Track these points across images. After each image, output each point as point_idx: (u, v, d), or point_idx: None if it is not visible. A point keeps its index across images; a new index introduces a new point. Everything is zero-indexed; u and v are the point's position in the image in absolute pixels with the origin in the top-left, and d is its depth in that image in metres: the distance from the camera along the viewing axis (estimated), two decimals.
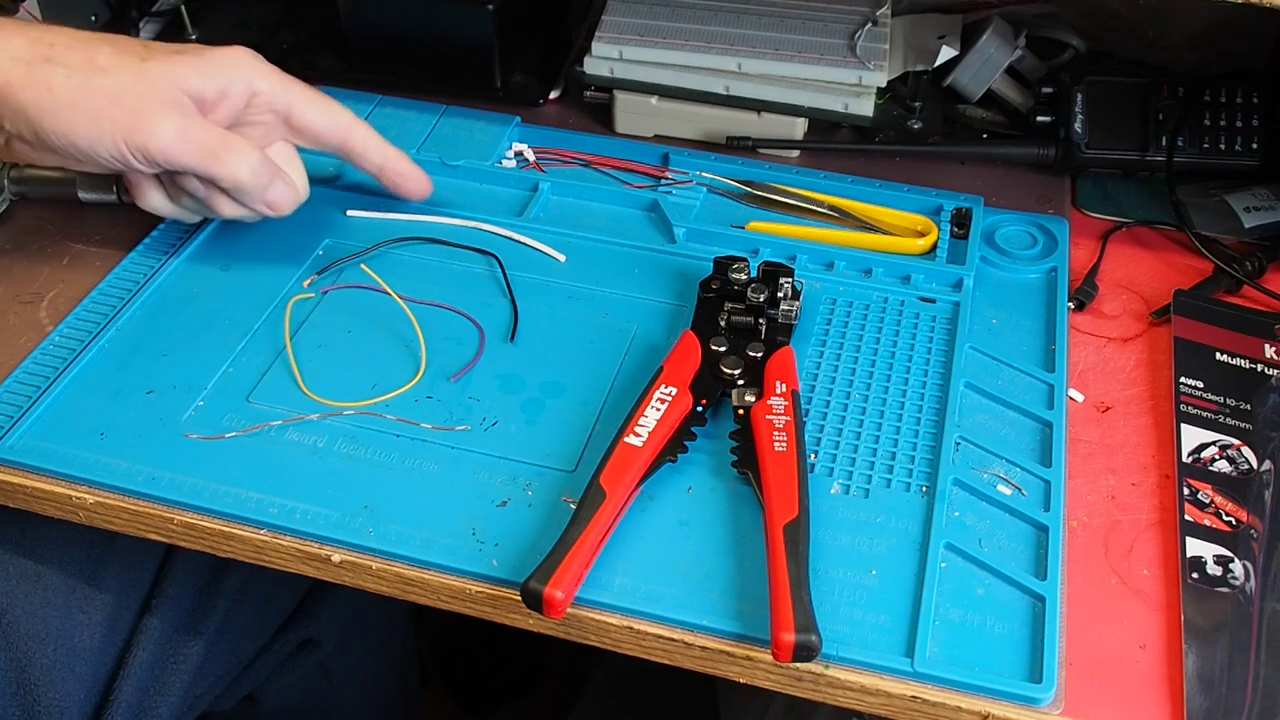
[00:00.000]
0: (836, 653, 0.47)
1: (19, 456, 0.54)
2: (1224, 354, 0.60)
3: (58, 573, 0.64)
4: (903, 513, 0.52)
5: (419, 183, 0.66)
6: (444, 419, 0.56)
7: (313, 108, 0.62)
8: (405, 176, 0.65)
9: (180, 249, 0.65)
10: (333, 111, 0.63)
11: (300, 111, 0.61)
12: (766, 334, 0.58)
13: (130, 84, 0.56)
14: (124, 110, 0.55)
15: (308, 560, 0.52)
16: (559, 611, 0.46)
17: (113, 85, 0.55)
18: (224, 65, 0.58)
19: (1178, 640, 0.48)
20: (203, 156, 0.57)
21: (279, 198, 0.60)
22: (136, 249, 0.65)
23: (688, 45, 0.72)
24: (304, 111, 0.62)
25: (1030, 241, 0.67)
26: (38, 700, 0.64)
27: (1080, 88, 0.71)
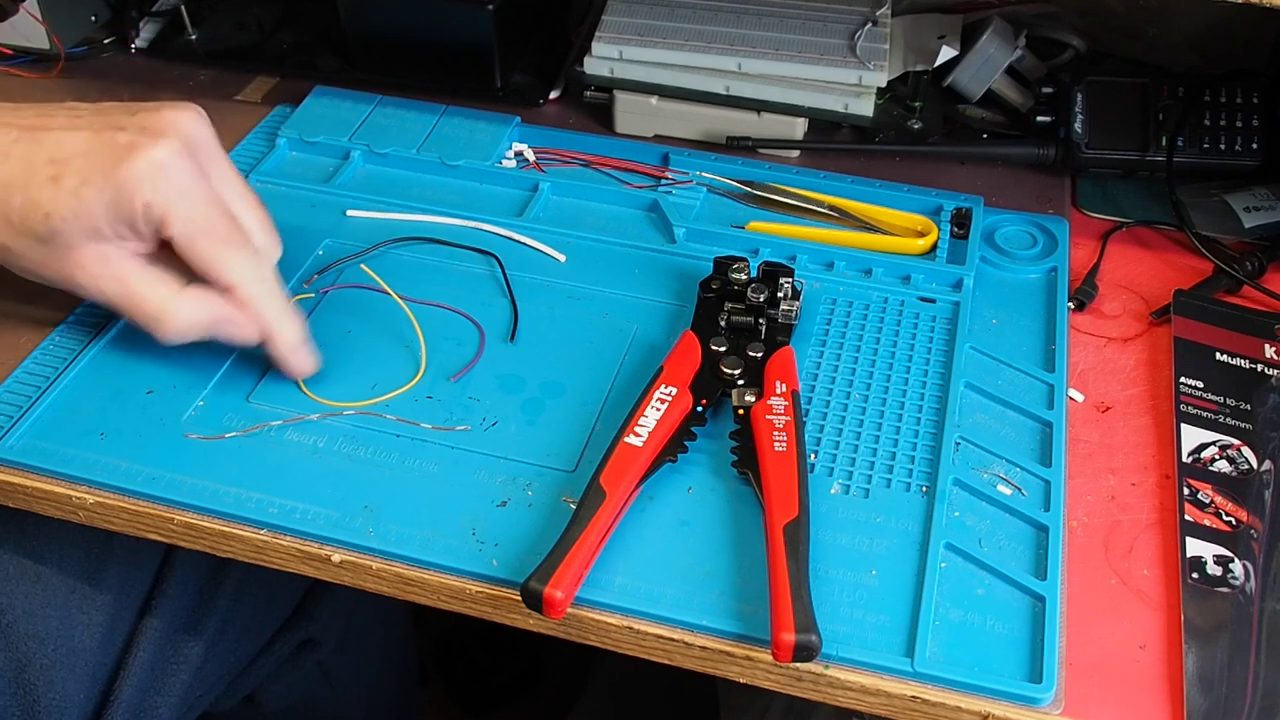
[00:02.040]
0: (836, 653, 0.47)
1: (19, 456, 0.54)
2: (1224, 354, 0.60)
3: (58, 573, 0.64)
4: (903, 513, 0.52)
5: (296, 364, 0.57)
6: (444, 419, 0.56)
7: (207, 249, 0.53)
8: (281, 357, 0.56)
9: None
10: (229, 260, 0.54)
11: (194, 251, 0.53)
12: (766, 334, 0.58)
13: (48, 251, 0.53)
14: (57, 271, 0.54)
15: (308, 560, 0.52)
16: (559, 611, 0.46)
17: (34, 251, 0.53)
18: (127, 191, 0.51)
19: (1178, 640, 0.48)
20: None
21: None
22: None
23: (688, 45, 0.72)
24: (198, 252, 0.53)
25: (1030, 241, 0.67)
26: (38, 700, 0.64)
27: (1080, 88, 0.71)
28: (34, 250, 0.53)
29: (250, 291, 0.54)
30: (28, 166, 0.52)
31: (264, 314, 0.55)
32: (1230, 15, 0.60)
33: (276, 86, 0.80)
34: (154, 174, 0.51)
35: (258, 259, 0.55)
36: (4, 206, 0.52)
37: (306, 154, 0.73)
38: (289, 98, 0.77)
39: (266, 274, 0.55)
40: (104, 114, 0.53)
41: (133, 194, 0.51)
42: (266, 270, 0.55)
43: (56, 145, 0.52)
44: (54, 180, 0.51)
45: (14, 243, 0.53)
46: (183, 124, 0.53)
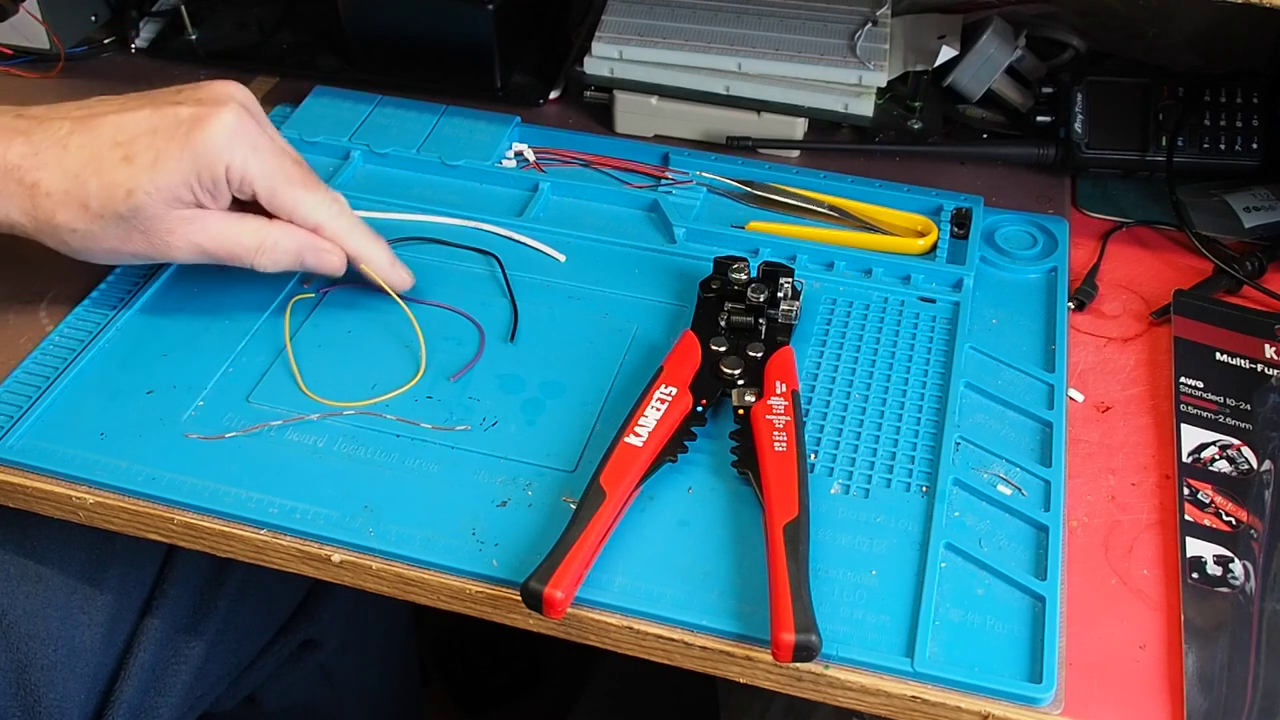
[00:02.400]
0: (836, 653, 0.47)
1: (19, 456, 0.54)
2: (1224, 354, 0.60)
3: (58, 573, 0.64)
4: (903, 513, 0.52)
5: (396, 279, 0.61)
6: (444, 419, 0.56)
7: (289, 196, 0.58)
8: (381, 273, 0.60)
9: None
10: (311, 202, 0.58)
11: (279, 200, 0.58)
12: (766, 334, 0.58)
13: (132, 226, 0.55)
14: (144, 244, 0.56)
15: (308, 560, 0.52)
16: (559, 611, 0.46)
17: (116, 230, 0.55)
18: (208, 157, 0.54)
19: (1178, 640, 0.48)
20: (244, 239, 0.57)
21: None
22: None
23: (688, 45, 0.72)
24: (282, 201, 0.58)
25: (1030, 241, 0.67)
26: (39, 701, 0.64)
27: (1080, 88, 0.71)
28: (117, 228, 0.55)
29: (336, 225, 0.59)
30: (93, 153, 0.54)
31: (353, 243, 0.59)
32: (1230, 15, 0.60)
33: (276, 86, 0.80)
34: (229, 138, 0.54)
35: (332, 196, 0.59)
36: (80, 193, 0.54)
37: (306, 154, 0.72)
38: (289, 98, 0.77)
39: (345, 208, 0.59)
40: (150, 96, 0.56)
41: (214, 159, 0.54)
42: (343, 205, 0.60)
43: (117, 128, 0.54)
44: (127, 159, 0.54)
45: (94, 225, 0.55)
46: (234, 92, 0.56)
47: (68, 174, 0.54)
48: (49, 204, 0.54)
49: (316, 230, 0.58)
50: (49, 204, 0.54)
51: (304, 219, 0.58)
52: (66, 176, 0.54)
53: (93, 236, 0.55)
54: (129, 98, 0.57)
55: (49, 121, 0.55)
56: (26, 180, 0.54)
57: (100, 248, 0.56)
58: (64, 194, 0.54)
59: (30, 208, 0.55)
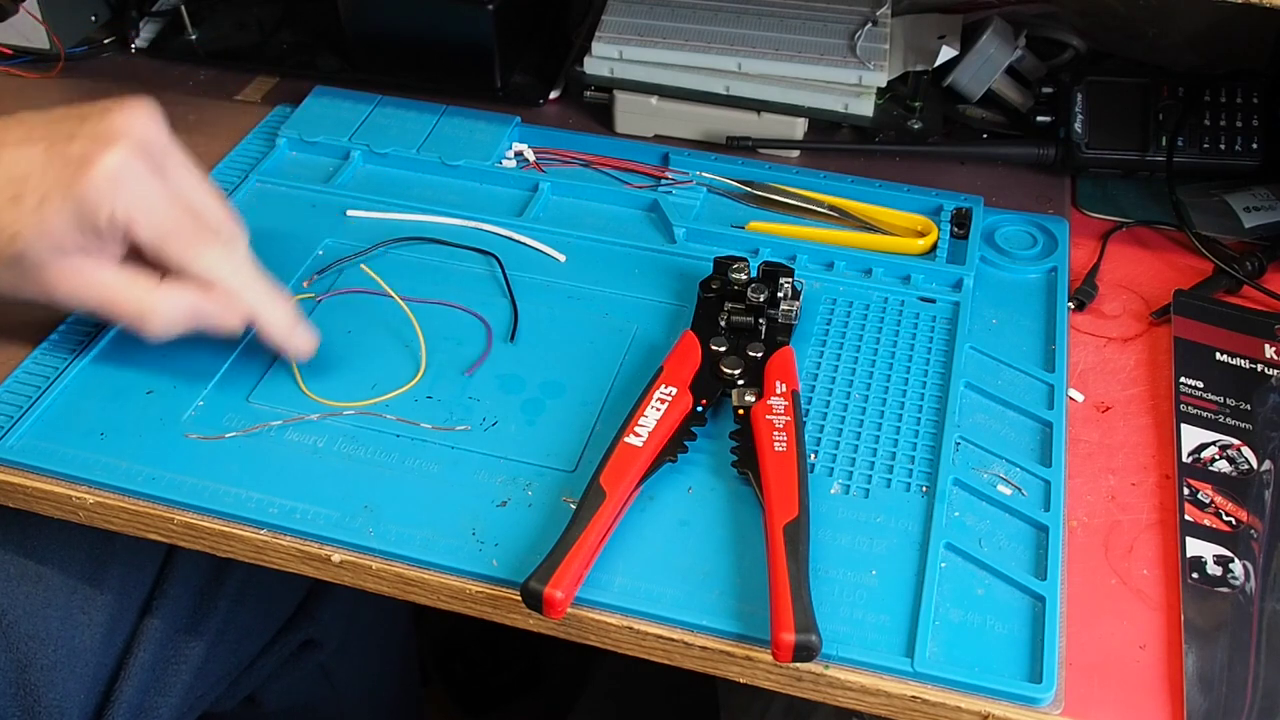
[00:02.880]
0: (836, 653, 0.47)
1: (19, 456, 0.54)
2: (1224, 354, 0.60)
3: (58, 573, 0.64)
4: (903, 513, 0.52)
5: (294, 346, 0.56)
6: (444, 419, 0.56)
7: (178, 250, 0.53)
8: (279, 339, 0.56)
9: None
10: (205, 258, 0.53)
11: (167, 255, 0.53)
12: (766, 334, 0.58)
13: (19, 271, 0.51)
14: (36, 289, 0.53)
15: (308, 560, 0.52)
16: (559, 611, 0.46)
17: (6, 273, 0.52)
18: (89, 203, 0.50)
19: (1178, 640, 0.48)
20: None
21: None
22: None
23: (688, 45, 0.72)
24: (170, 255, 0.53)
25: (1030, 241, 0.67)
26: (38, 701, 0.64)
27: (1080, 88, 0.71)
28: (6, 271, 0.52)
29: (230, 283, 0.54)
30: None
31: (248, 302, 0.54)
32: (1230, 15, 0.60)
33: (276, 86, 0.80)
34: (112, 183, 0.50)
35: (228, 249, 0.54)
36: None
37: (306, 154, 0.73)
38: (289, 98, 0.77)
39: (241, 263, 0.55)
40: (56, 123, 0.52)
41: (95, 206, 0.50)
42: (240, 259, 0.55)
43: (13, 163, 0.50)
44: (14, 200, 0.50)
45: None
46: (134, 126, 0.51)
47: None
48: None
49: (209, 287, 0.53)
50: None
51: (195, 273, 0.53)
52: None
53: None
54: (40, 123, 0.52)
55: None
56: None
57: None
58: None
59: None
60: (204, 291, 0.53)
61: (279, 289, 0.56)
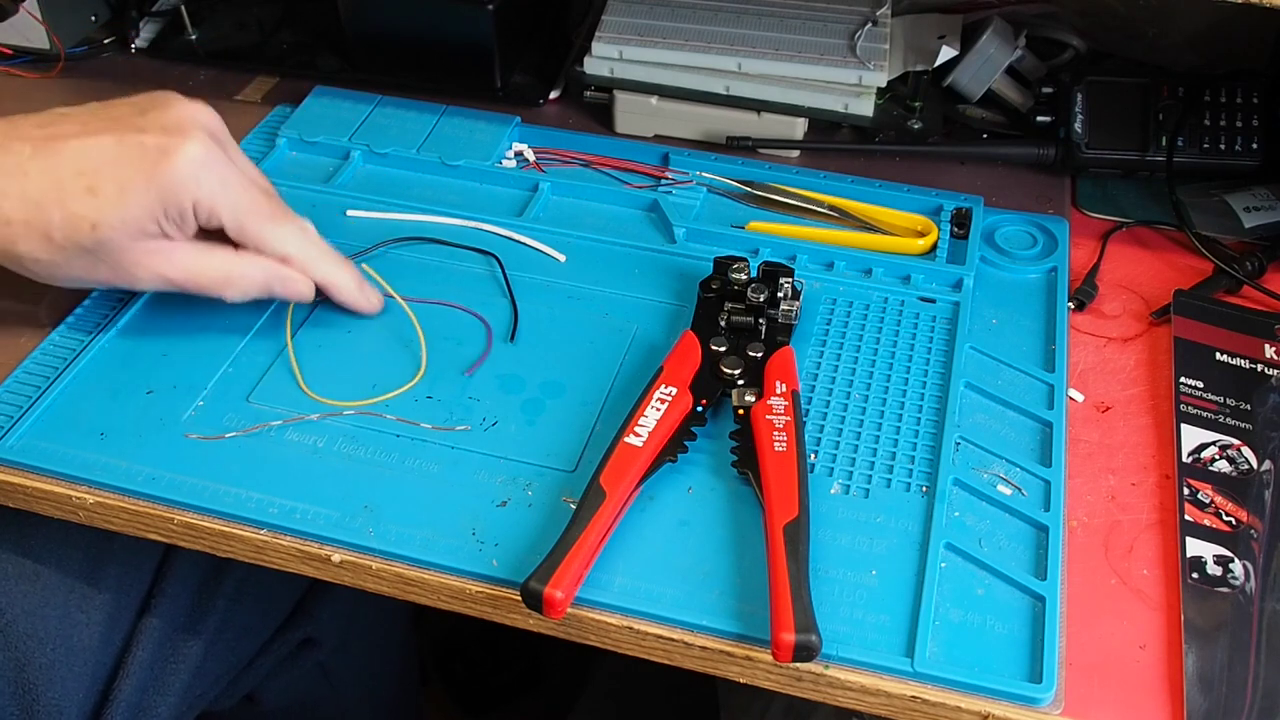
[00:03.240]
0: (836, 653, 0.47)
1: (19, 456, 0.54)
2: (1224, 354, 0.60)
3: (57, 573, 0.64)
4: (903, 513, 0.52)
5: (365, 304, 0.61)
6: (444, 419, 0.56)
7: (257, 229, 0.56)
8: (350, 302, 0.60)
9: None
10: (279, 234, 0.57)
11: (247, 233, 0.56)
12: (766, 334, 0.58)
13: (97, 258, 0.54)
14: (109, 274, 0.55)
15: (308, 560, 0.52)
16: (559, 611, 0.46)
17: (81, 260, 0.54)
18: (175, 191, 0.53)
19: (1178, 640, 0.48)
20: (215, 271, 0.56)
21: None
22: None
23: (688, 45, 0.72)
24: (250, 234, 0.57)
25: (1030, 241, 0.67)
26: (37, 700, 0.64)
27: (1080, 88, 0.71)
28: (81, 259, 0.54)
29: (304, 255, 0.58)
30: (55, 181, 0.52)
31: (321, 272, 0.59)
32: (1230, 15, 0.60)
33: (276, 86, 0.80)
34: (195, 171, 0.53)
35: (300, 225, 0.58)
36: (42, 224, 0.52)
37: (306, 154, 0.73)
38: (289, 98, 0.77)
39: (312, 236, 0.59)
40: (113, 116, 0.54)
41: (179, 193, 0.53)
42: (311, 233, 0.59)
43: (81, 155, 0.52)
44: (91, 191, 0.52)
45: (57, 256, 0.53)
46: (200, 117, 0.54)
47: (28, 202, 0.51)
48: (9, 233, 0.52)
49: (285, 261, 0.57)
50: (9, 233, 0.52)
51: (272, 250, 0.57)
52: (28, 205, 0.51)
53: (56, 266, 0.54)
54: (91, 116, 0.54)
55: (9, 142, 0.52)
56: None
57: (65, 275, 0.55)
58: (24, 224, 0.52)
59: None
60: (278, 262, 0.57)
61: (344, 258, 0.60)
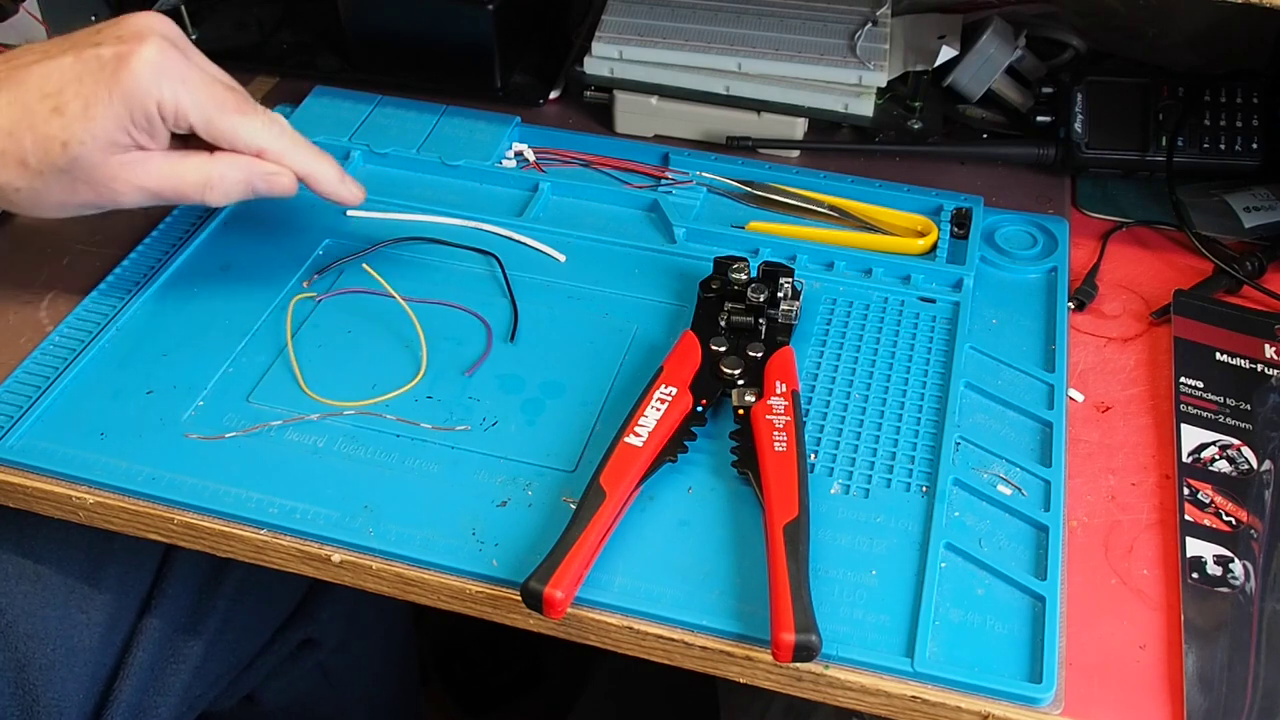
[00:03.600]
0: (836, 653, 0.47)
1: (19, 456, 0.54)
2: (1224, 354, 0.60)
3: (57, 573, 0.64)
4: (903, 513, 0.52)
5: (347, 194, 0.61)
6: (444, 419, 0.56)
7: (227, 124, 0.56)
8: (331, 192, 0.60)
9: (180, 249, 0.65)
10: (250, 127, 0.57)
11: (216, 129, 0.56)
12: (766, 334, 0.58)
13: (74, 178, 0.54)
14: (90, 193, 0.55)
15: (308, 560, 0.52)
16: (559, 611, 0.46)
17: (59, 183, 0.54)
18: (138, 96, 0.52)
19: (1178, 640, 0.48)
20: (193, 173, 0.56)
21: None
22: (137, 249, 0.65)
23: (688, 45, 0.72)
24: (220, 129, 0.56)
25: (1030, 241, 0.67)
26: (37, 700, 0.64)
27: (1080, 88, 0.71)
28: (60, 182, 0.54)
29: (279, 146, 0.57)
30: (23, 108, 0.52)
31: (298, 163, 0.58)
32: (1230, 15, 0.60)
33: (276, 86, 0.80)
34: (154, 74, 0.52)
35: (271, 118, 0.57)
36: (17, 151, 0.53)
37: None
38: (289, 98, 0.77)
39: (285, 128, 0.58)
40: (72, 39, 0.54)
41: (143, 97, 0.52)
42: (284, 125, 0.58)
43: (43, 78, 0.52)
44: (57, 110, 0.52)
45: (37, 182, 0.54)
46: (153, 23, 0.54)
47: (1, 132, 0.52)
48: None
49: (260, 154, 0.57)
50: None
51: (246, 145, 0.56)
52: (0, 135, 0.52)
53: (37, 193, 0.54)
54: (52, 43, 0.54)
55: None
56: None
57: (48, 202, 0.55)
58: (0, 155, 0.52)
59: None
60: (254, 159, 0.57)
61: (322, 150, 0.59)
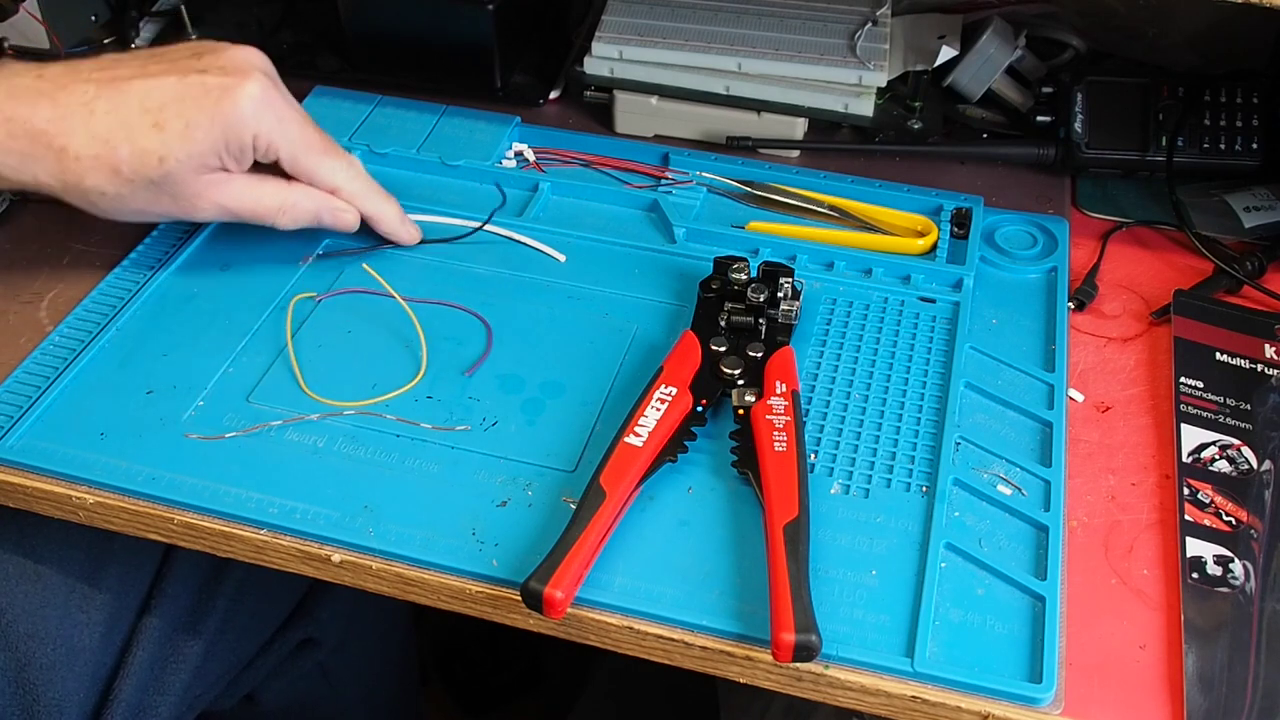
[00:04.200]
0: (836, 653, 0.47)
1: (19, 456, 0.54)
2: (1224, 354, 0.60)
3: (57, 573, 0.64)
4: (903, 513, 0.52)
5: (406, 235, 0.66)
6: (444, 419, 0.56)
7: (311, 162, 0.61)
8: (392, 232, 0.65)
9: (180, 249, 0.65)
10: (329, 166, 0.62)
11: (301, 166, 0.61)
12: (766, 334, 0.58)
13: (161, 190, 0.57)
14: (171, 205, 0.58)
15: (308, 560, 0.52)
16: (559, 611, 0.46)
17: (145, 193, 0.57)
18: (238, 127, 0.57)
19: (1178, 640, 0.48)
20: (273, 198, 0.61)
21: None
22: (136, 249, 0.65)
23: (688, 45, 0.72)
24: (304, 166, 0.61)
25: (1030, 241, 0.67)
26: (37, 700, 0.64)
27: (1080, 88, 0.71)
28: (146, 192, 0.57)
29: (353, 188, 0.62)
30: (122, 119, 0.55)
31: (367, 205, 0.63)
32: (1230, 15, 0.60)
33: None
34: (255, 108, 0.57)
35: (348, 160, 0.63)
36: (111, 158, 0.56)
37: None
38: None
39: (360, 171, 0.63)
40: (171, 59, 0.58)
41: (242, 129, 0.57)
42: (359, 168, 0.63)
43: (145, 94, 0.56)
44: (158, 127, 0.56)
45: (125, 189, 0.57)
46: (256, 60, 0.59)
47: (96, 139, 0.55)
48: (78, 168, 0.56)
49: (334, 192, 0.62)
50: (78, 168, 0.56)
51: (323, 182, 0.61)
52: (96, 141, 0.55)
53: (121, 199, 0.57)
54: (147, 59, 0.58)
55: (72, 84, 0.56)
56: (55, 144, 0.55)
57: (128, 208, 0.58)
58: (94, 159, 0.55)
59: (59, 171, 0.56)
60: (327, 194, 0.62)
61: (388, 193, 0.64)
